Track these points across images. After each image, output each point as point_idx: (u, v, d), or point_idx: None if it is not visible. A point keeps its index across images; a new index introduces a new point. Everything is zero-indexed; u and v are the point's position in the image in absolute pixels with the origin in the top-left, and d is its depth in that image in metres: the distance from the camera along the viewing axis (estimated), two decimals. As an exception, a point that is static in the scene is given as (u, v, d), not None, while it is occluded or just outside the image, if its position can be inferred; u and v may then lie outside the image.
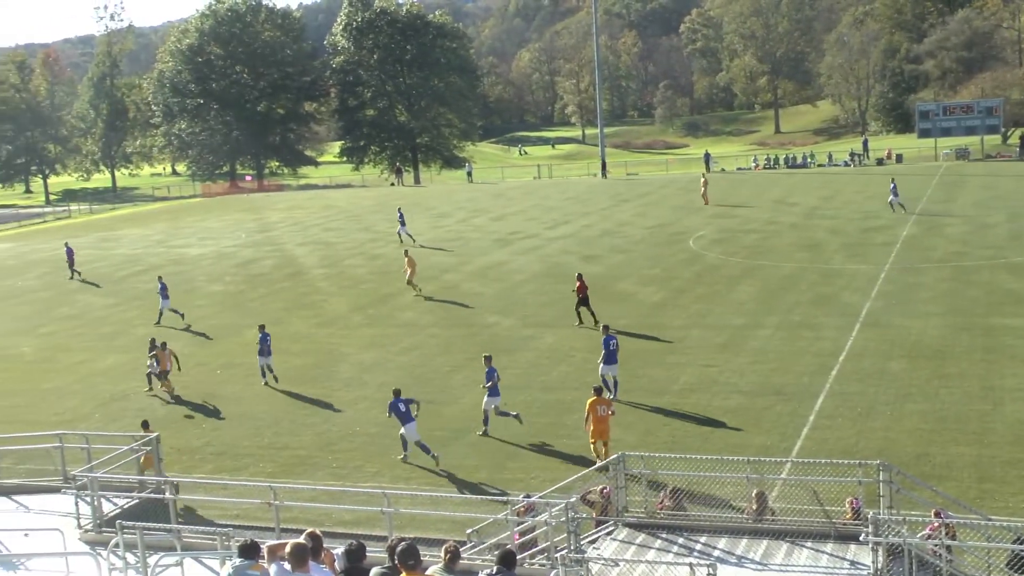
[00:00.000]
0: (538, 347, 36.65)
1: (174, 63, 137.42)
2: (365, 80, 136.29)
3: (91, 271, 59.73)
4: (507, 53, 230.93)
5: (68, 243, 60.65)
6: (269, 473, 25.85)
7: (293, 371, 35.84)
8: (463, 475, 25.46)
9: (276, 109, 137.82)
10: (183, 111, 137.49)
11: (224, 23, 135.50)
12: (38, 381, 37.56)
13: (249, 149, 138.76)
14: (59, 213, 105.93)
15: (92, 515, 21.24)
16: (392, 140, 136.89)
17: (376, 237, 65.07)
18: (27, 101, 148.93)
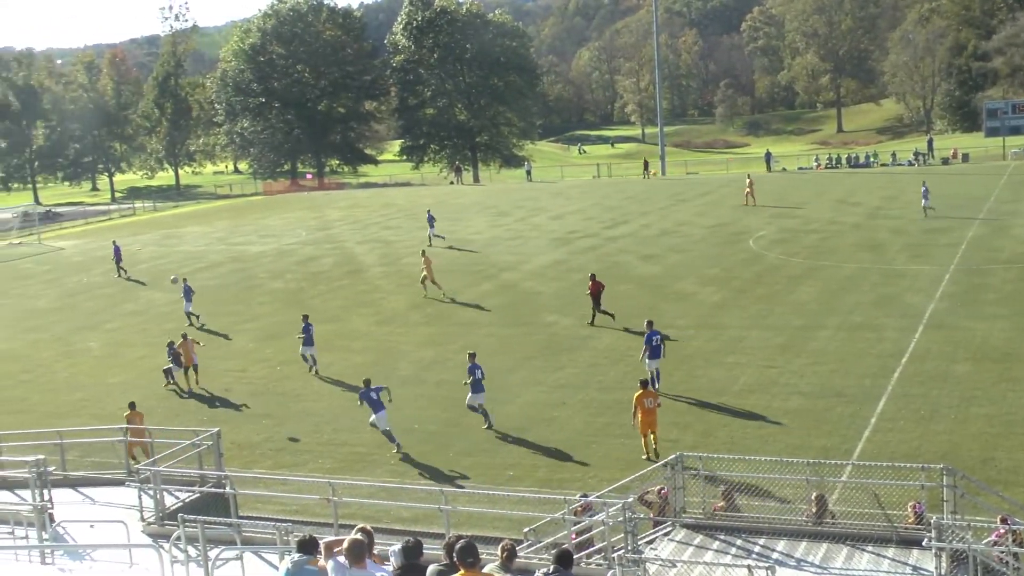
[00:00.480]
0: (596, 347, 36.55)
1: (237, 62, 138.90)
2: (425, 79, 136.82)
3: (154, 268, 60.58)
4: (567, 52, 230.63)
5: (116, 241, 61.59)
6: (328, 469, 26.03)
7: (352, 368, 36.04)
8: (521, 474, 25.47)
9: (337, 108, 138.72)
10: (245, 110, 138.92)
11: (286, 23, 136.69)
12: (104, 375, 38.16)
13: (310, 147, 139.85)
14: (124, 211, 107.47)
15: (154, 508, 21.53)
16: (451, 139, 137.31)
17: (435, 235, 65.27)
18: (95, 101, 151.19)
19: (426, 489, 21.54)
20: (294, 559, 11.95)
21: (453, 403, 31.29)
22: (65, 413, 33.16)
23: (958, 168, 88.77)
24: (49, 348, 43.27)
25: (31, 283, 59.76)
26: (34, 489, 21.32)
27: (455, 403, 31.25)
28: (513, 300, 45.39)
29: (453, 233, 65.53)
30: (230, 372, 36.80)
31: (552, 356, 35.57)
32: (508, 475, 25.40)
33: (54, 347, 43.43)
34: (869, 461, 21.10)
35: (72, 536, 20.93)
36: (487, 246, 59.90)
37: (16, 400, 35.91)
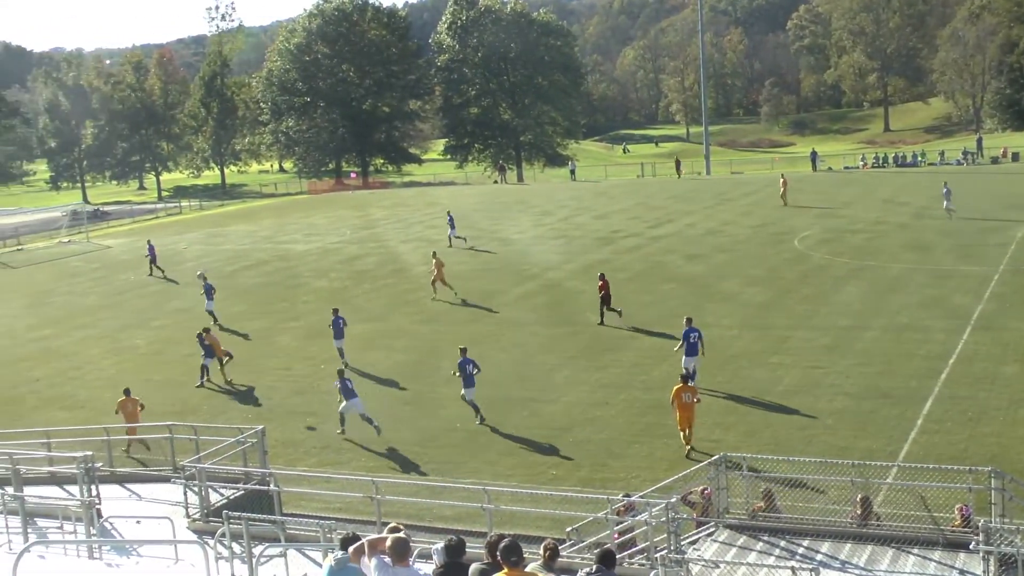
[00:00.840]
0: (640, 346, 36.46)
1: (282, 62, 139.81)
2: (469, 78, 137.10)
3: (200, 266, 61.09)
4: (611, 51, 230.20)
5: (150, 241, 62.22)
6: (371, 467, 26.15)
7: (395, 367, 36.21)
8: (563, 473, 25.47)
9: (381, 107, 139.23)
10: (291, 109, 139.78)
11: (331, 22, 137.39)
12: (150, 372, 38.54)
13: (354, 147, 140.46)
14: (171, 209, 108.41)
15: (199, 504, 21.74)
16: (496, 138, 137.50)
17: (479, 234, 65.34)
18: (142, 100, 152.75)
19: (469, 488, 21.58)
20: (337, 556, 12.00)
21: (496, 402, 31.29)
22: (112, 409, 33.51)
23: (1008, 167, 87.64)
24: (97, 345, 43.78)
25: (80, 281, 60.49)
26: (82, 485, 21.59)
27: (498, 402, 31.28)
28: (556, 299, 45.37)
29: (496, 232, 65.64)
30: (275, 370, 37.06)
31: (595, 355, 35.52)
32: (551, 474, 25.40)
33: (102, 344, 43.93)
34: (915, 463, 20.93)
35: (119, 532, 21.18)
36: (531, 245, 59.91)
37: (65, 396, 36.38)
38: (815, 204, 67.79)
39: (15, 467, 22.76)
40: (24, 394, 37.34)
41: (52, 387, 37.94)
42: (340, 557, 11.96)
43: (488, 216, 74.59)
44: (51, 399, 36.26)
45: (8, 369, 40.73)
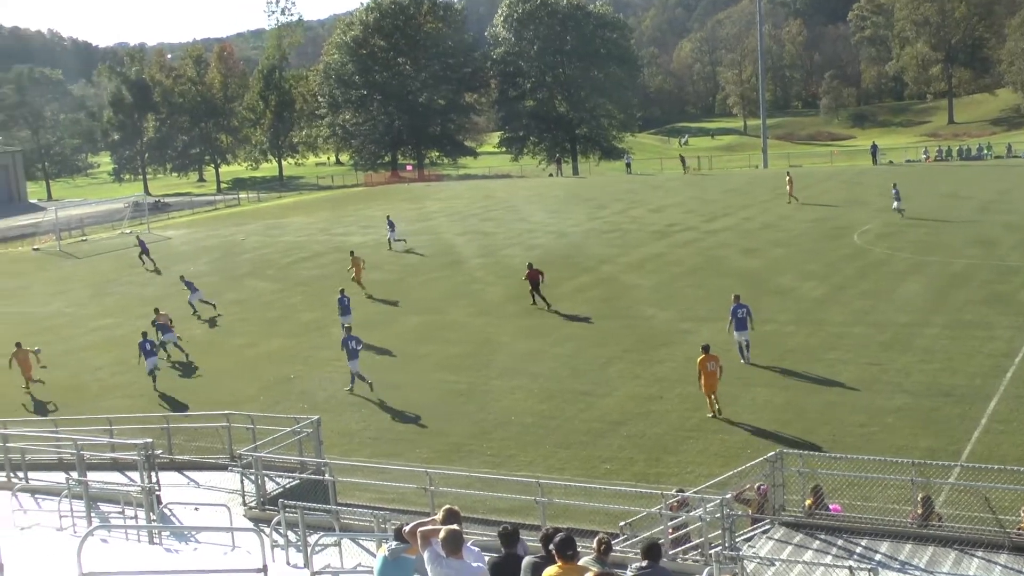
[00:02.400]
0: (695, 341, 36.09)
1: (339, 55, 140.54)
2: (525, 71, 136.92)
3: (258, 257, 61.68)
4: (668, 43, 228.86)
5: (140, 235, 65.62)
6: (425, 459, 26.24)
7: (449, 359, 36.32)
8: (617, 467, 25.39)
9: (437, 100, 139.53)
10: (347, 102, 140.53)
11: (388, 16, 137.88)
12: (208, 362, 38.99)
13: (410, 139, 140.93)
14: (229, 201, 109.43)
15: (256, 493, 21.97)
16: (551, 131, 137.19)
17: (533, 228, 65.32)
18: (202, 94, 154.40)
19: (522, 480, 21.57)
20: (391, 547, 12.04)
21: (550, 395, 31.34)
22: (171, 399, 34.01)
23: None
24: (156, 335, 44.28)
25: (140, 271, 61.25)
26: (142, 471, 21.94)
27: (552, 395, 31.31)
28: (611, 293, 45.23)
29: (551, 225, 65.52)
30: (329, 361, 37.29)
31: (650, 349, 35.36)
32: (604, 468, 25.33)
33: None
34: (979, 463, 20.57)
35: (178, 518, 21.47)
36: (585, 238, 59.76)
37: (126, 385, 36.91)
38: (875, 199, 66.90)
39: (79, 452, 23.17)
40: (87, 382, 37.96)
41: (113, 375, 38.53)
42: (394, 548, 12.00)
43: (543, 209, 74.49)
44: (112, 387, 36.83)
45: (72, 357, 41.41)
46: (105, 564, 11.07)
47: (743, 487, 19.11)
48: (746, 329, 32.62)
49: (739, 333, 32.69)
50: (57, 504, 20.92)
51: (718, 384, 28.39)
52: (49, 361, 39.46)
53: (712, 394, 28.34)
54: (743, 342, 32.72)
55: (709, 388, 28.31)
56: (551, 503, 19.42)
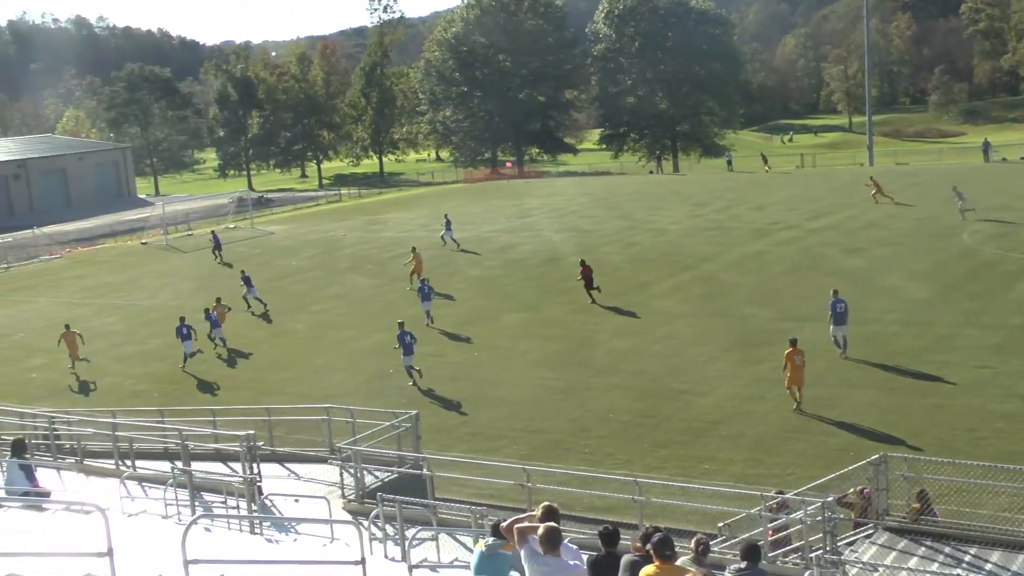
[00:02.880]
0: (797, 340, 35.68)
1: (440, 53, 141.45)
2: (625, 68, 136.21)
3: (358, 253, 62.40)
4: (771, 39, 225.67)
5: (215, 231, 67.85)
6: (522, 455, 26.27)
7: (548, 356, 36.33)
8: (716, 467, 25.15)
9: (537, 97, 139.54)
10: (448, 99, 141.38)
11: (489, 13, 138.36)
12: (309, 356, 39.57)
13: (510, 136, 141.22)
14: (330, 197, 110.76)
15: (355, 486, 22.21)
16: (651, 128, 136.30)
17: (633, 225, 64.99)
18: (305, 91, 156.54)
19: (620, 479, 21.47)
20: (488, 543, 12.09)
21: (648, 393, 31.18)
22: (273, 391, 34.57)
23: None
24: (259, 328, 45.13)
25: (244, 265, 62.18)
26: (244, 462, 22.32)
27: (650, 393, 31.15)
28: (711, 291, 44.80)
29: (651, 223, 65.12)
30: (428, 356, 37.55)
31: (750, 349, 34.94)
32: (703, 468, 25.12)
33: (264, 327, 45.26)
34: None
35: (278, 509, 21.81)
36: (686, 236, 59.27)
37: (229, 377, 37.67)
38: (986, 197, 65.11)
39: (184, 443, 23.67)
40: (193, 374, 38.76)
41: (217, 367, 39.29)
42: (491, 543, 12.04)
43: (643, 206, 74.08)
44: (216, 379, 37.57)
45: (177, 350, 42.29)
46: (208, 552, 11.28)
47: (845, 490, 18.78)
48: (845, 324, 33.12)
49: (837, 328, 33.16)
50: (163, 492, 21.39)
51: (803, 378, 28.90)
52: (154, 353, 40.47)
53: (797, 387, 28.90)
54: (841, 337, 33.15)
55: (794, 381, 28.90)
56: (649, 502, 19.31)
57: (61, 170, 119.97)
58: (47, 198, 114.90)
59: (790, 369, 28.91)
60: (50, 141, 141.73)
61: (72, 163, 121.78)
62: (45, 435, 27.38)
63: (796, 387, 28.95)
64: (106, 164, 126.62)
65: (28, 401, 34.64)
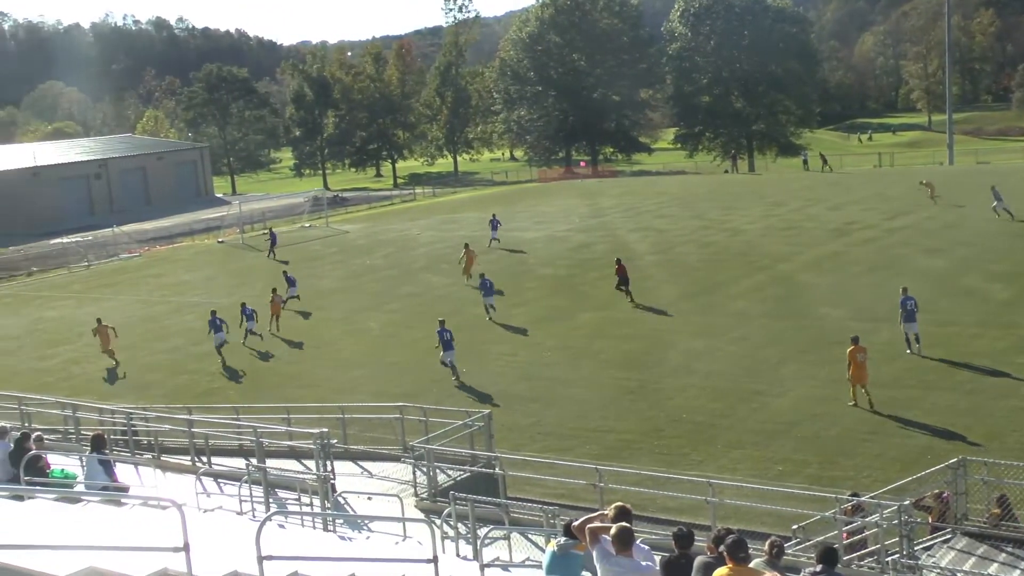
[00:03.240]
0: (872, 341, 35.03)
1: (515, 52, 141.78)
2: (701, 66, 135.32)
3: (432, 252, 62.70)
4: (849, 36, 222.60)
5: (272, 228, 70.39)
6: (594, 455, 26.20)
7: (622, 356, 36.22)
8: (791, 469, 24.89)
9: (612, 96, 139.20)
10: (522, 98, 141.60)
11: (564, 12, 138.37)
12: (382, 355, 39.85)
13: (584, 135, 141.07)
14: (405, 196, 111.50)
15: (427, 484, 22.34)
16: (727, 127, 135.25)
17: (708, 224, 64.53)
18: (381, 90, 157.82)
19: (693, 480, 21.36)
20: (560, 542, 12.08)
21: (723, 394, 30.96)
22: (346, 389, 34.86)
23: None
24: (334, 326, 45.55)
25: (319, 264, 63.08)
26: (318, 460, 22.54)
27: (725, 394, 30.93)
28: (786, 292, 44.32)
29: (726, 222, 64.61)
30: (501, 356, 37.68)
31: (825, 350, 34.48)
32: (777, 470, 24.88)
33: (338, 325, 45.68)
34: None
35: (351, 507, 22.02)
36: (761, 236, 58.69)
37: (304, 375, 38.06)
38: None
39: (259, 440, 23.98)
40: (264, 371, 39.27)
41: (291, 365, 39.76)
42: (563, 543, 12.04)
43: (718, 206, 73.50)
44: (290, 377, 38.01)
45: (251, 348, 42.89)
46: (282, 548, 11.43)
47: (923, 494, 18.48)
48: (915, 321, 33.34)
49: (908, 325, 33.47)
50: (238, 489, 21.67)
51: (867, 376, 29.10)
52: (228, 351, 41.03)
53: (860, 385, 29.14)
54: (912, 335, 33.39)
55: (858, 379, 29.15)
56: (722, 503, 19.18)
57: (140, 169, 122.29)
58: (127, 197, 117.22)
59: (853, 367, 29.19)
60: (130, 141, 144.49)
61: (151, 162, 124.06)
62: (123, 431, 27.92)
63: (860, 385, 29.15)
64: (184, 163, 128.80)
65: (106, 397, 35.38)
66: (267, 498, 21.46)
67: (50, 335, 48.91)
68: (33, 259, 77.78)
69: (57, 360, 43.90)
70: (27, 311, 55.92)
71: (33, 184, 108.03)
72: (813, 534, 17.96)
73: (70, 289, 62.46)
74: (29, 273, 71.78)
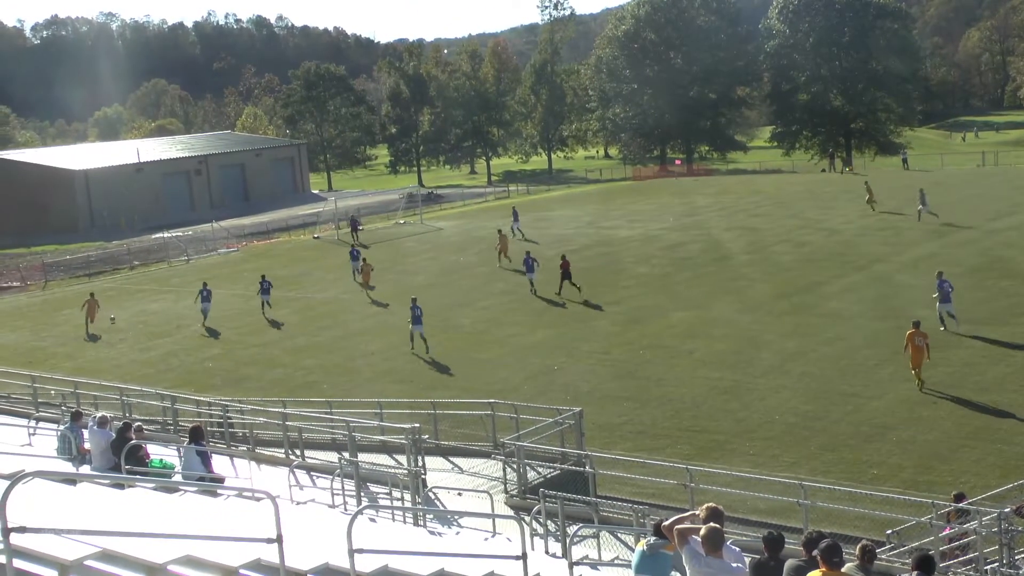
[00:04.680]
0: (972, 344, 34.44)
1: (611, 49, 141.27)
2: (799, 64, 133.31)
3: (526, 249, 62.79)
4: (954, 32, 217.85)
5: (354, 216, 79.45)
6: (685, 455, 26.08)
7: (714, 356, 35.95)
8: (885, 473, 24.47)
9: (708, 94, 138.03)
10: (617, 96, 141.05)
11: (660, 9, 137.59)
12: (474, 351, 40.08)
13: (679, 133, 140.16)
14: (499, 193, 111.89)
15: (517, 481, 22.44)
16: (825, 125, 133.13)
17: (804, 224, 63.67)
18: (476, 88, 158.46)
19: (784, 482, 21.14)
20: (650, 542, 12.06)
21: (816, 396, 30.58)
22: (438, 385, 35.17)
23: None
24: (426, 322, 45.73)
25: (413, 260, 63.64)
26: (409, 455, 22.77)
27: (818, 396, 30.54)
28: (883, 293, 43.55)
29: (822, 222, 63.71)
30: (593, 354, 37.65)
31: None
32: (871, 473, 24.48)
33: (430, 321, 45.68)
34: None
35: (441, 502, 22.21)
36: (858, 235, 57.76)
37: (396, 370, 38.44)
38: None
39: (351, 434, 24.30)
40: (360, 366, 39.75)
41: (385, 360, 40.18)
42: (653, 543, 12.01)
43: (814, 205, 72.50)
44: (383, 372, 38.43)
45: (348, 342, 43.49)
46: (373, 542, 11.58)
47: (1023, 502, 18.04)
48: (950, 302, 36.13)
49: (943, 305, 36.16)
50: (330, 483, 22.01)
51: (924, 360, 30.39)
52: (325, 345, 41.61)
53: (918, 368, 30.40)
54: (946, 313, 36.14)
55: (916, 362, 30.41)
56: (814, 506, 18.96)
57: (239, 166, 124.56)
58: (226, 193, 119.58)
59: (911, 350, 30.43)
60: (229, 138, 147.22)
61: (250, 159, 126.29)
62: (220, 423, 28.51)
63: (917, 368, 30.40)
64: (282, 160, 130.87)
65: (204, 389, 36.12)
66: (359, 492, 21.74)
67: (151, 328, 50.09)
68: (135, 253, 79.71)
69: (157, 352, 44.94)
70: (129, 304, 57.32)
71: (136, 179, 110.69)
72: (908, 540, 17.65)
73: (170, 283, 63.93)
74: (131, 267, 73.64)
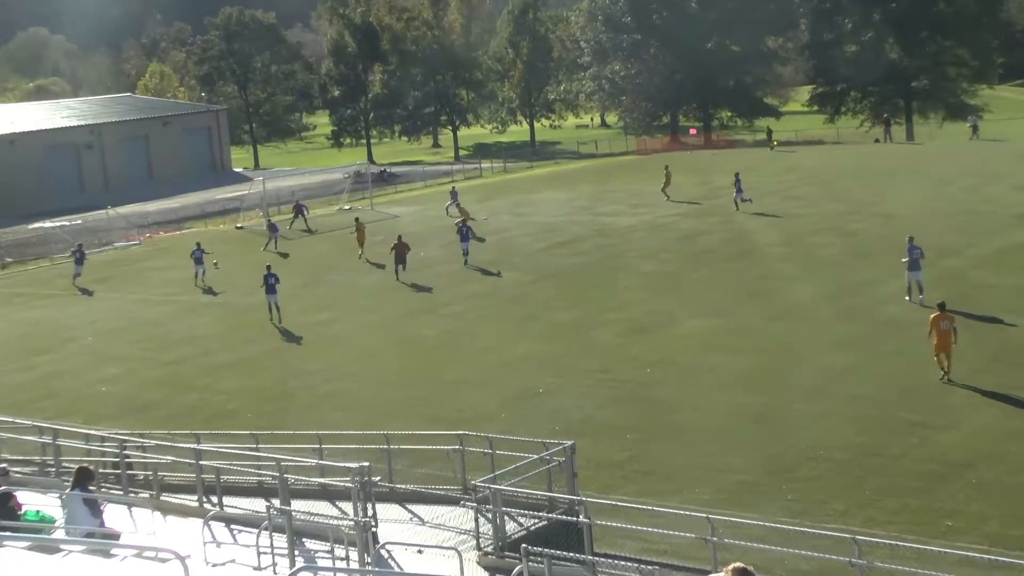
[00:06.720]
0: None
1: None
2: (845, 7, 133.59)
3: (502, 241, 62.65)
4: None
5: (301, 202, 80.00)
6: (705, 501, 25.92)
7: (740, 374, 35.86)
8: (964, 524, 24.37)
9: (730, 46, 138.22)
10: (617, 49, 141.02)
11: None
12: (439, 370, 39.82)
13: (694, 96, 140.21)
14: (469, 171, 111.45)
15: (493, 535, 22.15)
16: (878, 84, 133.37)
17: (852, 209, 63.81)
18: (440, 40, 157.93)
19: (834, 535, 20.98)
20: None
21: (871, 425, 30.53)
22: (394, 413, 34.84)
23: None
24: (379, 333, 45.66)
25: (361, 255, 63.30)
26: (356, 502, 22.41)
27: (873, 425, 30.49)
28: (956, 294, 43.39)
29: (876, 205, 63.82)
30: (590, 372, 37.45)
31: (1008, 370, 33.84)
32: (945, 525, 24.39)
33: (384, 333, 45.75)
34: None
35: (396, 562, 21.91)
36: (923, 223, 57.74)
37: (341, 394, 38.14)
38: None
39: (283, 476, 23.92)
40: (295, 389, 39.47)
41: (327, 382, 39.88)
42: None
43: (866, 184, 72.63)
44: (325, 396, 38.15)
45: (277, 359, 43.15)
46: (308, 614, 11.29)
47: None
48: (920, 269, 41.25)
49: (912, 273, 41.49)
50: (255, 538, 21.67)
51: (951, 345, 32.89)
52: (251, 362, 41.27)
53: (943, 353, 33.04)
54: (915, 282, 41.55)
55: (940, 347, 33.06)
56: (871, 567, 18.78)
57: (142, 137, 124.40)
58: (125, 172, 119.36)
59: (936, 335, 33.07)
60: (129, 102, 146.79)
61: (155, 129, 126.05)
62: (115, 463, 28.09)
63: (944, 354, 32.98)
64: (196, 130, 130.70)
65: (96, 421, 35.76)
66: (292, 550, 21.43)
67: (29, 342, 49.67)
68: (8, 247, 79.09)
69: (37, 373, 44.53)
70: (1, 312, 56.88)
71: (10, 155, 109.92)
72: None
73: (54, 285, 63.47)
74: (3, 265, 73.09)
